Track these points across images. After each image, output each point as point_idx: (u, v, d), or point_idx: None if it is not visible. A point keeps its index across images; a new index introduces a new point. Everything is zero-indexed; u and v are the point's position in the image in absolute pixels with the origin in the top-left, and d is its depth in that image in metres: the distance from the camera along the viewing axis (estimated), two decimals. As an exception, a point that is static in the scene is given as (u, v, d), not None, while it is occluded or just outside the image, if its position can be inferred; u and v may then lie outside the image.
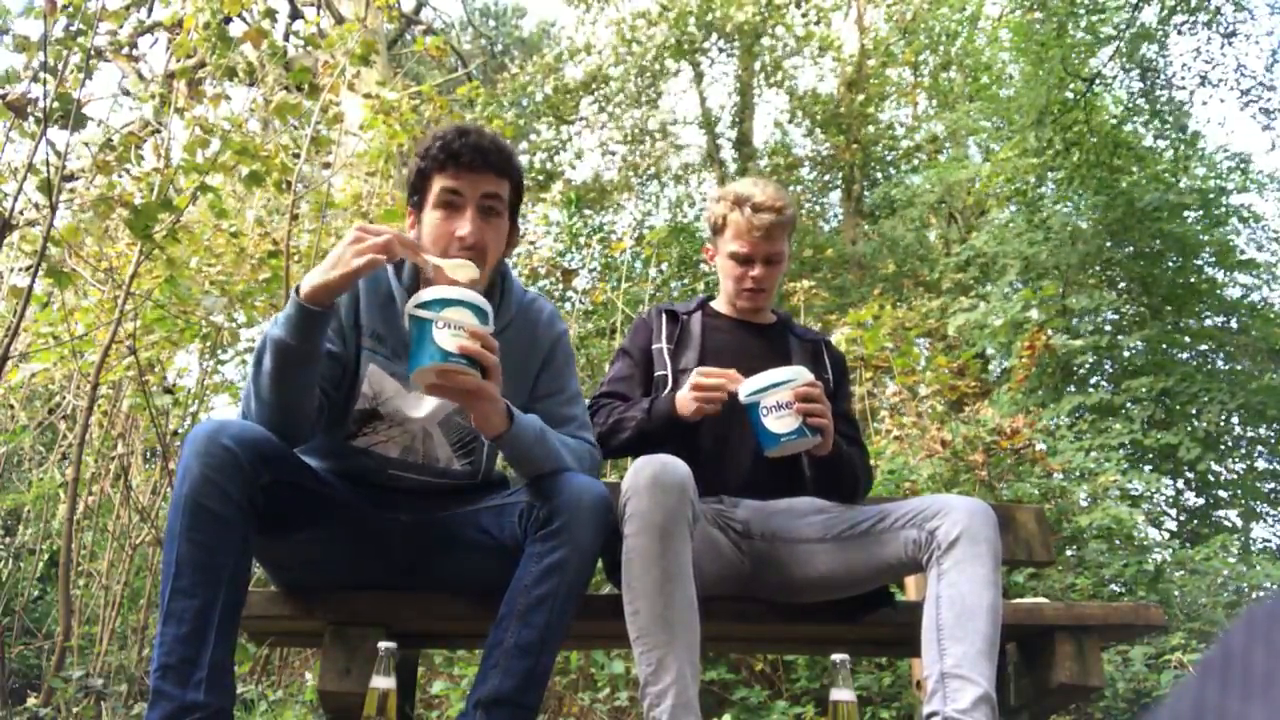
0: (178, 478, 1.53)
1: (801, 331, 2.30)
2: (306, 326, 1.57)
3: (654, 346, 2.19)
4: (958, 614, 1.67)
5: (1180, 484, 8.00)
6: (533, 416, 1.72)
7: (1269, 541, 8.11)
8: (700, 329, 2.20)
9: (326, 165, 4.76)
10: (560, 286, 5.85)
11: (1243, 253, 8.88)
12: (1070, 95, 7.93)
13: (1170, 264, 8.46)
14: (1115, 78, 8.58)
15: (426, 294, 1.55)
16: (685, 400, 1.94)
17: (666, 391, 2.08)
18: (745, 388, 1.89)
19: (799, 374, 1.88)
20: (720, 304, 2.29)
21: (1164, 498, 7.73)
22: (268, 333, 1.60)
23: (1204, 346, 8.55)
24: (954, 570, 1.71)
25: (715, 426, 2.07)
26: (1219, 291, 8.61)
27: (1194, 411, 6.94)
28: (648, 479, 1.63)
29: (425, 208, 1.78)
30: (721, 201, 2.19)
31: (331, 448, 1.81)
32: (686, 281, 9.49)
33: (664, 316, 2.24)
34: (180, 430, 3.94)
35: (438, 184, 1.76)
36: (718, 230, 2.19)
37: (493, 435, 1.65)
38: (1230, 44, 8.27)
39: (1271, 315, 8.48)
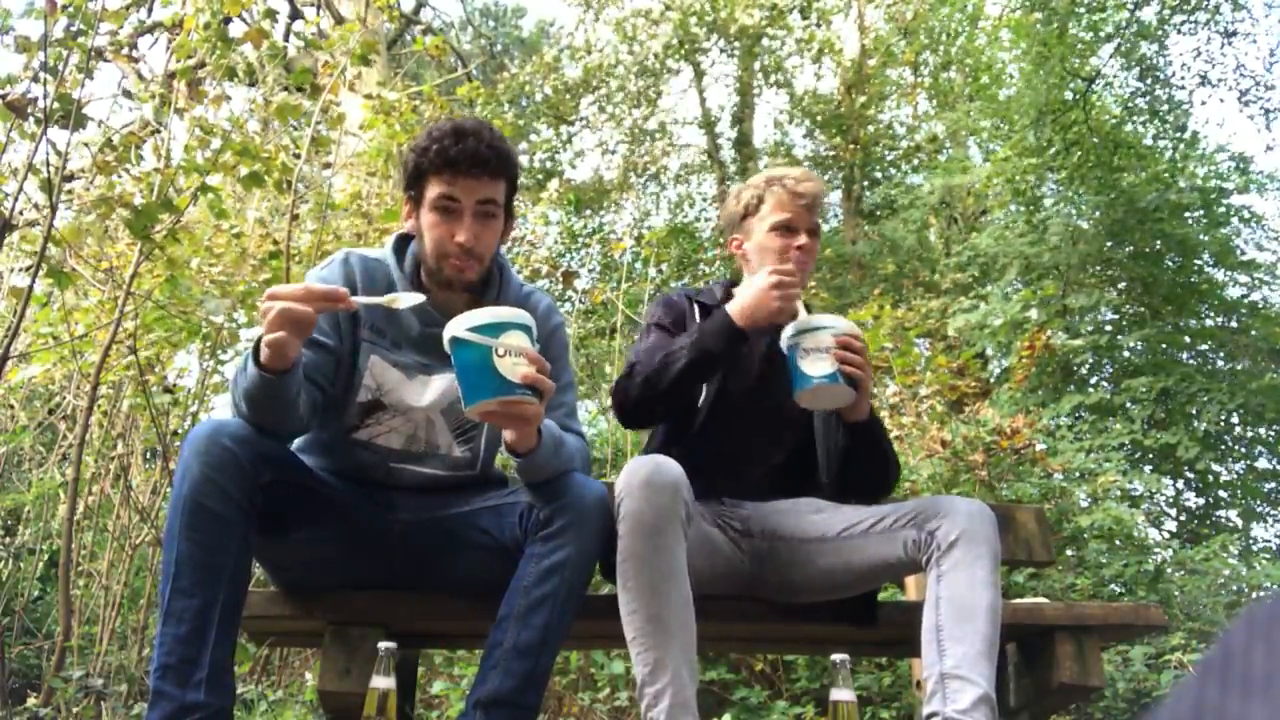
0: (177, 477, 1.53)
1: None
2: (269, 387, 1.54)
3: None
4: (957, 615, 1.67)
5: (1180, 484, 8.01)
6: (548, 424, 1.70)
7: (1269, 542, 8.12)
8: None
9: (327, 165, 4.76)
10: (560, 287, 5.85)
11: (1243, 253, 8.88)
12: (1070, 95, 7.93)
13: (1170, 264, 8.46)
14: (1115, 78, 8.59)
15: (477, 316, 1.49)
16: (760, 304, 1.83)
17: (699, 332, 1.91)
18: (786, 331, 1.84)
19: (841, 323, 1.84)
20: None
21: (1164, 498, 7.73)
22: (235, 379, 1.60)
23: (1204, 346, 8.55)
24: (953, 571, 1.71)
25: (739, 430, 2.03)
26: (1219, 291, 8.62)
27: (1194, 411, 6.94)
28: (641, 479, 1.62)
29: (422, 207, 1.78)
30: (753, 187, 2.09)
31: (331, 443, 1.81)
32: (686, 281, 9.49)
33: (696, 307, 2.12)
34: (180, 430, 3.94)
35: (434, 188, 1.74)
36: (751, 211, 2.07)
37: (525, 451, 1.64)
38: (1230, 43, 8.27)
39: (1271, 315, 8.47)
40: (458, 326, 1.49)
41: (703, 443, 1.98)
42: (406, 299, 1.61)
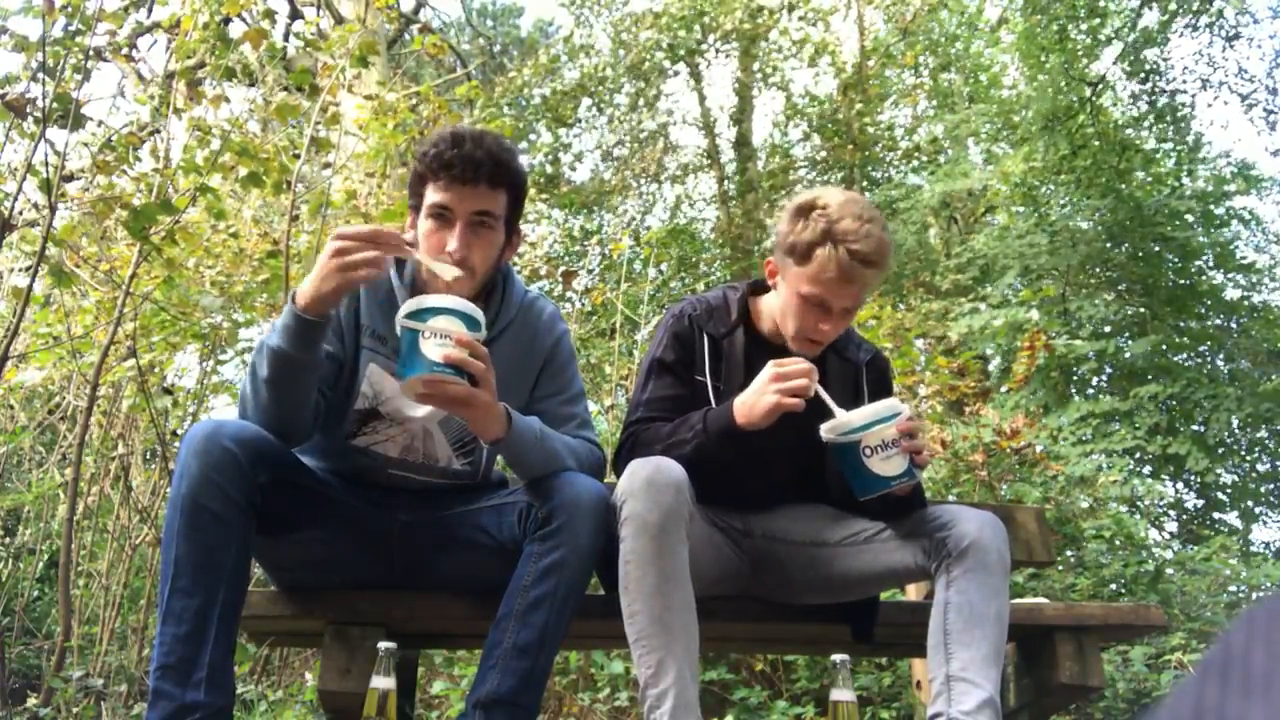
0: (176, 477, 1.53)
1: (844, 347, 2.01)
2: (304, 336, 1.56)
3: (698, 379, 1.92)
4: (965, 620, 1.68)
5: (1180, 485, 8.02)
6: (532, 419, 1.71)
7: (1268, 543, 8.12)
8: (744, 359, 1.93)
9: (326, 166, 4.76)
10: (560, 287, 5.85)
11: (1243, 257, 8.89)
12: (1074, 100, 7.93)
13: (1170, 266, 8.47)
14: (1118, 81, 8.59)
15: (414, 304, 1.54)
16: (760, 404, 1.70)
17: (715, 407, 1.82)
18: (838, 426, 1.71)
19: (896, 406, 1.72)
20: (765, 321, 1.99)
21: (1164, 500, 7.73)
22: (265, 340, 1.60)
23: (1204, 348, 8.55)
24: (963, 578, 1.72)
25: (748, 451, 1.85)
26: (1219, 293, 8.62)
27: (1199, 418, 6.95)
28: (643, 480, 1.62)
29: (420, 214, 1.76)
30: (813, 230, 1.78)
31: (331, 447, 1.81)
32: (687, 281, 9.49)
33: (706, 341, 1.94)
34: (180, 431, 3.94)
35: (430, 195, 1.73)
36: (796, 255, 1.81)
37: (491, 440, 1.65)
38: (1232, 47, 8.28)
39: (1272, 317, 8.48)
40: (399, 314, 1.56)
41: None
42: (446, 271, 1.64)
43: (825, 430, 1.74)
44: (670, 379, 1.91)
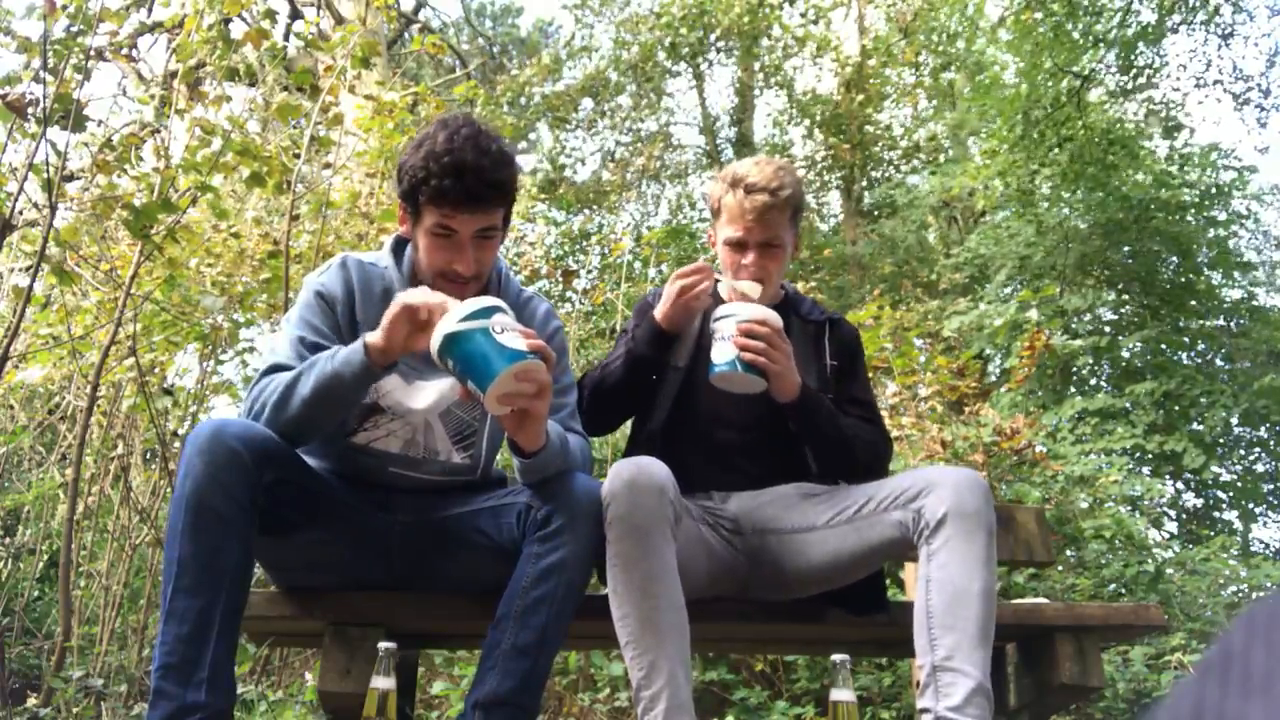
0: (180, 476, 1.53)
1: (808, 311, 2.16)
2: (368, 380, 1.61)
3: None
4: (948, 599, 1.61)
5: (1179, 485, 8.02)
6: (553, 424, 1.71)
7: (1268, 542, 8.13)
8: (700, 318, 2.05)
9: (327, 166, 4.76)
10: (560, 287, 5.85)
11: (1240, 256, 8.88)
12: (1064, 92, 7.94)
13: (1169, 265, 8.46)
14: (1109, 71, 8.58)
15: (459, 310, 1.50)
16: (667, 309, 1.90)
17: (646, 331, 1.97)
18: (715, 312, 1.88)
19: (753, 311, 1.82)
20: (724, 288, 2.12)
21: (1164, 499, 7.73)
22: (321, 364, 1.60)
23: (1203, 347, 8.55)
24: (943, 550, 1.64)
25: (705, 402, 1.99)
26: (1217, 292, 8.62)
27: (1196, 415, 6.94)
28: (625, 482, 1.62)
29: (419, 225, 1.75)
30: (718, 182, 2.05)
31: (331, 448, 1.80)
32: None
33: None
34: (180, 431, 3.94)
35: (430, 216, 1.70)
36: (715, 213, 2.06)
37: (531, 451, 1.65)
38: (1228, 45, 8.28)
39: (1271, 317, 8.47)
40: (446, 327, 1.49)
41: (675, 414, 1.99)
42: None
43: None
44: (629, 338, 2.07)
